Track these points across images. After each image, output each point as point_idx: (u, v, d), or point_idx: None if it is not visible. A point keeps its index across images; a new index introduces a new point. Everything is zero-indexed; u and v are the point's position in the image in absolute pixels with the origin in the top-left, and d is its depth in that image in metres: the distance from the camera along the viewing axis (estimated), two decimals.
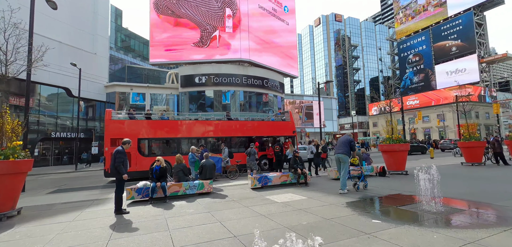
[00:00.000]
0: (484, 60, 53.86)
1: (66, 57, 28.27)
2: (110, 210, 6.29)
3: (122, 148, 6.13)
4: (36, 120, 26.44)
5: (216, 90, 34.80)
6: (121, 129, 12.42)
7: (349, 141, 7.50)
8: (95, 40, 32.33)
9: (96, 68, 31.68)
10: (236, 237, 4.04)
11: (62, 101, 28.97)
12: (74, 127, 29.61)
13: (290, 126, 16.22)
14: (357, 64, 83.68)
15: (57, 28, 27.96)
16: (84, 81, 29.99)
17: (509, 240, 3.49)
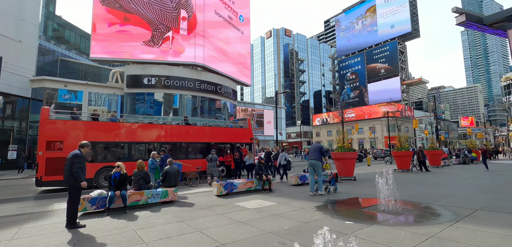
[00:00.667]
0: (404, 83, 63.51)
1: None
2: (59, 224, 5.40)
3: (80, 152, 5.36)
4: None
5: (167, 94, 33.05)
6: (61, 130, 10.79)
7: (319, 148, 8.17)
8: (22, 26, 27.57)
9: (21, 58, 26.98)
10: (225, 245, 3.91)
11: None
12: None
13: (248, 133, 16.42)
14: (303, 78, 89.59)
15: None
16: (4, 72, 25.21)
17: (456, 232, 4.21)
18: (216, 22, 37.60)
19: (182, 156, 13.66)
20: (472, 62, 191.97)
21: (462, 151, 25.19)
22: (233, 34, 40.86)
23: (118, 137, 12.17)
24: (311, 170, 8.38)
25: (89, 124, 11.70)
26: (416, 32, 64.29)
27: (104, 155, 11.92)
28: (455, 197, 7.36)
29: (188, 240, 4.21)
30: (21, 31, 27.76)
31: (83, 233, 4.82)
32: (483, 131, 59.48)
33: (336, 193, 8.47)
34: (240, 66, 41.69)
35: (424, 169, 15.63)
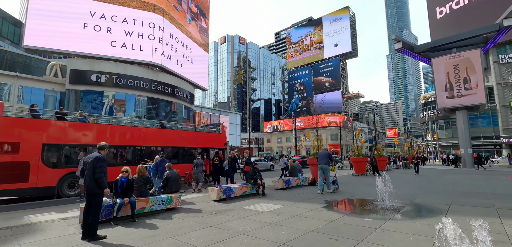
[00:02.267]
0: (345, 96, 70.95)
1: None
2: (67, 237, 4.76)
3: (102, 155, 4.84)
4: None
5: (118, 93, 30.20)
6: (17, 130, 9.14)
7: (328, 155, 9.27)
8: None
9: None
10: (286, 244, 4.14)
11: None
12: None
13: (222, 138, 16.37)
14: (254, 85, 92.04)
15: None
16: None
17: None
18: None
19: None
20: (394, 81, 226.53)
21: (400, 158, 29.47)
22: (193, 36, 39.91)
23: (86, 140, 10.85)
24: (321, 173, 9.77)
25: (53, 124, 10.16)
26: (355, 52, 72.68)
27: (68, 160, 10.48)
28: (422, 196, 8.91)
29: (244, 243, 4.29)
30: None
31: (115, 244, 4.39)
32: (407, 141, 70.58)
33: (331, 194, 9.50)
34: (198, 69, 40.84)
35: (377, 173, 17.97)
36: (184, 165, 13.02)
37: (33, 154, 9.31)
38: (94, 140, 11.06)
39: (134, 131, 12.52)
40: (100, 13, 29.74)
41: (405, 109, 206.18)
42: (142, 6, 32.30)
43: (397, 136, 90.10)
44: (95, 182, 4.58)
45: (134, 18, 31.57)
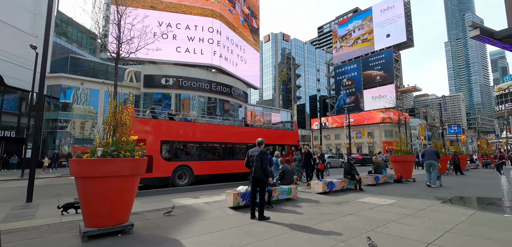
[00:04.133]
0: (399, 90, 66.42)
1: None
2: (232, 217, 5.73)
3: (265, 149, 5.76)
4: None
5: (178, 94, 32.95)
6: (144, 128, 10.88)
7: (436, 152, 9.44)
8: (37, 21, 26.60)
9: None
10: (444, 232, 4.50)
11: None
12: (6, 124, 23.52)
13: (295, 135, 16.98)
14: (299, 82, 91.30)
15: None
16: (21, 68, 24.38)
17: None
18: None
19: (241, 156, 14.06)
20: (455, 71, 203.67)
21: (482, 156, 26.99)
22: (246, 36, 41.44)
23: (190, 137, 12.36)
24: (428, 168, 10.34)
25: (166, 123, 11.83)
26: (410, 42, 67.51)
27: (179, 154, 12.07)
28: None
29: (403, 230, 4.75)
30: (36, 26, 26.81)
31: (284, 223, 5.18)
32: (482, 138, 63.50)
33: (440, 189, 9.58)
34: (251, 69, 42.23)
35: (459, 172, 16.84)
36: None
37: (155, 149, 10.97)
38: (195, 136, 12.53)
39: (224, 129, 13.80)
40: (167, 22, 32.65)
41: (469, 102, 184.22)
42: (202, 12, 34.58)
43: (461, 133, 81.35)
44: (262, 171, 5.48)
45: (196, 24, 33.99)
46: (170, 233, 4.70)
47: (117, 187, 4.54)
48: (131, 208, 4.94)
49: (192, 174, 11.94)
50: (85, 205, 4.50)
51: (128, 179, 4.72)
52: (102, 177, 4.40)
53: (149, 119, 11.30)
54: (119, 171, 4.51)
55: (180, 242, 4.18)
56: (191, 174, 11.91)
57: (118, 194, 4.57)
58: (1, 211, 6.55)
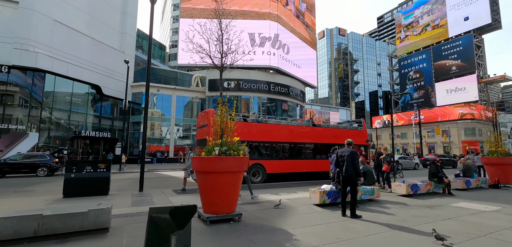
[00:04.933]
0: (483, 80, 57.10)
1: (97, 54, 27.17)
2: (322, 213, 6.00)
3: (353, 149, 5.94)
4: (66, 117, 25.02)
5: (237, 96, 34.61)
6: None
7: None
8: (123, 39, 31.27)
9: (123, 67, 30.53)
10: None
11: (90, 99, 27.65)
12: (103, 126, 28.28)
13: (364, 135, 16.34)
14: (357, 78, 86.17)
15: (88, 23, 26.76)
16: (113, 79, 28.94)
17: None
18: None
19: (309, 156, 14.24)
20: None
21: None
22: (302, 35, 41.21)
23: (262, 137, 13.09)
24: None
25: (242, 125, 12.79)
26: (497, 23, 57.48)
27: (252, 153, 12.92)
28: None
29: None
30: (123, 43, 31.43)
31: (378, 222, 5.27)
32: None
33: None
34: (307, 67, 41.79)
35: None
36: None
37: None
38: (267, 137, 13.21)
39: (293, 129, 14.20)
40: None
41: None
42: (259, 15, 35.68)
43: None
44: (354, 171, 5.66)
45: (254, 28, 35.26)
46: (273, 223, 5.25)
47: (229, 181, 5.30)
48: (237, 200, 5.67)
49: (265, 172, 12.62)
50: (204, 194, 5.38)
51: (237, 175, 5.46)
52: (218, 172, 5.19)
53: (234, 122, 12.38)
54: (230, 168, 5.26)
55: (288, 232, 4.67)
56: (263, 172, 12.61)
57: (230, 187, 5.33)
58: (127, 198, 8.11)
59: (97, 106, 28.19)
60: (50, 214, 4.12)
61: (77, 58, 24.79)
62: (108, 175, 8.48)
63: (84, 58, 25.56)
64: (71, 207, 4.59)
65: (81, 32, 25.53)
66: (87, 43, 26.14)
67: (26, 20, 21.58)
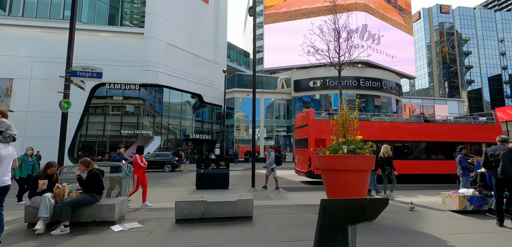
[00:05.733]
0: None
1: (198, 67, 31.26)
2: (462, 220, 5.17)
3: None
4: (178, 123, 29.75)
5: (324, 94, 33.51)
6: (324, 129, 11.92)
7: None
8: (217, 51, 34.98)
9: (218, 76, 34.13)
10: None
11: (193, 106, 32.07)
12: (204, 130, 32.36)
13: (498, 130, 13.29)
14: (469, 61, 70.72)
15: (190, 41, 31.03)
16: (210, 88, 32.69)
17: None
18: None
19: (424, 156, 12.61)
20: None
21: None
22: (394, 21, 36.86)
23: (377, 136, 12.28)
24: None
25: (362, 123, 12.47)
26: None
27: None
28: None
29: None
30: (217, 55, 35.12)
31: None
32: None
33: None
34: (403, 56, 36.99)
35: None
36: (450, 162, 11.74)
37: None
38: (382, 136, 12.32)
39: (409, 126, 12.94)
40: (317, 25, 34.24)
41: None
42: (345, 7, 33.76)
43: None
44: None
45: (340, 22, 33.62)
46: (411, 226, 4.89)
47: (358, 179, 5.23)
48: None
49: None
50: (332, 192, 5.48)
51: (366, 173, 5.35)
52: (348, 170, 5.20)
53: (328, 120, 12.22)
54: (360, 166, 5.18)
55: (437, 237, 4.26)
56: None
57: (359, 185, 5.25)
58: (245, 192, 9.05)
59: (199, 112, 32.49)
60: (211, 201, 5.00)
61: (184, 72, 29.22)
62: (228, 171, 9.67)
63: (188, 71, 29.90)
64: (224, 197, 5.45)
65: (185, 50, 29.99)
66: (190, 58, 30.48)
67: (149, 46, 26.86)
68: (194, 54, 31.19)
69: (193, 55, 31.01)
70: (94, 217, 4.70)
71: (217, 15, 35.50)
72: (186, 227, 4.70)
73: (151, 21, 27.29)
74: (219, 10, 35.77)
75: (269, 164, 10.01)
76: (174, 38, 28.82)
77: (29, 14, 28.03)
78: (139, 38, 27.39)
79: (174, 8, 28.99)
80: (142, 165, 6.81)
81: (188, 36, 30.72)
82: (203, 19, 33.51)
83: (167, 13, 28.24)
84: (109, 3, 31.60)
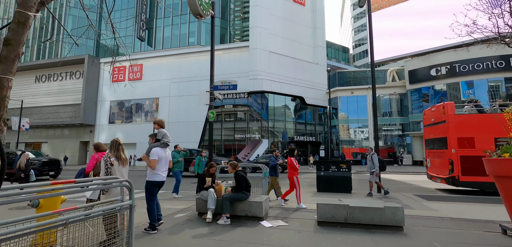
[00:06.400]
0: None
1: (298, 70, 31.58)
2: None
3: None
4: (282, 126, 30.93)
5: (451, 83, 27.13)
6: (469, 126, 9.67)
7: None
8: (316, 51, 34.38)
9: (318, 77, 33.45)
10: None
11: (296, 109, 32.56)
12: (308, 132, 32.38)
13: None
14: None
15: (290, 46, 31.67)
16: (311, 89, 32.37)
17: None
18: None
19: None
20: None
21: None
22: None
23: None
24: None
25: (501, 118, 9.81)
26: None
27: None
28: None
29: None
30: (316, 55, 34.48)
31: None
32: None
33: None
34: None
35: None
36: None
37: (487, 149, 9.28)
38: None
39: None
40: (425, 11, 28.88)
41: None
42: None
43: None
44: None
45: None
46: None
47: None
48: None
49: None
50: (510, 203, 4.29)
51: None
52: None
53: (478, 115, 9.86)
54: None
55: None
56: None
57: None
58: (371, 199, 8.34)
59: (301, 114, 32.75)
60: (354, 206, 4.79)
61: (285, 77, 30.15)
62: (350, 174, 9.17)
63: (289, 75, 30.65)
64: (368, 202, 5.14)
65: (286, 55, 30.91)
66: (291, 62, 31.18)
67: (253, 57, 29.18)
68: (295, 58, 31.75)
69: (293, 59, 31.64)
70: (246, 212, 5.33)
71: (314, 15, 35.00)
72: (331, 230, 4.67)
73: (254, 34, 29.64)
74: (316, 10, 35.18)
75: (370, 167, 9.01)
76: (275, 45, 30.22)
77: (166, 45, 35.67)
78: (245, 51, 30.18)
79: (273, 17, 30.52)
80: (297, 167, 7.09)
81: (287, 41, 31.59)
82: (301, 21, 33.73)
83: (267, 23, 29.99)
84: (220, 25, 36.37)
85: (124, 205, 2.78)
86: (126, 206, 2.80)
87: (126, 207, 2.81)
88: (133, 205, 2.83)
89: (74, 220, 2.23)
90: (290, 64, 31.22)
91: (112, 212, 2.62)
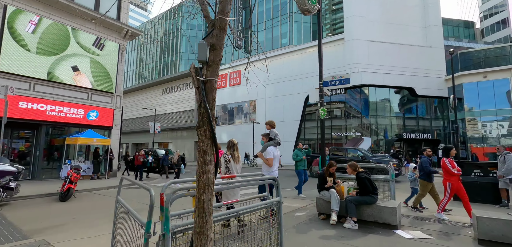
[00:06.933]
0: None
1: (405, 57, 27.35)
2: None
3: None
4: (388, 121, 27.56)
5: None
6: None
7: None
8: (428, 32, 28.92)
9: (432, 62, 28.01)
10: None
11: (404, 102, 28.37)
12: (420, 127, 27.78)
13: None
14: None
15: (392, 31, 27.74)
16: (423, 78, 27.46)
17: None
18: None
19: None
20: None
21: None
22: None
23: None
24: None
25: None
26: None
27: None
28: None
29: None
30: (428, 37, 28.98)
31: None
32: None
33: None
34: None
35: None
36: None
37: None
38: None
39: None
40: None
41: None
42: None
43: None
44: None
45: None
46: None
47: None
48: None
49: None
50: None
51: None
52: None
53: None
54: None
55: None
56: None
57: None
58: None
59: (411, 107, 28.25)
60: None
61: (389, 67, 26.64)
62: None
63: (394, 65, 26.91)
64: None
65: (388, 42, 27.29)
66: (394, 50, 27.31)
67: (350, 49, 27.10)
68: (399, 44, 27.75)
69: (398, 45, 27.71)
70: (375, 217, 4.82)
71: None
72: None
73: (350, 24, 27.60)
74: None
75: (506, 172, 6.74)
76: (374, 33, 27.24)
77: (259, 50, 37.74)
78: (339, 44, 28.51)
79: (370, 2, 27.63)
80: (454, 171, 5.48)
81: (389, 26, 27.93)
82: (405, 0, 29.18)
83: (364, 10, 27.37)
84: (311, 21, 35.66)
85: (274, 201, 2.90)
86: (275, 203, 2.92)
87: (275, 203, 2.92)
88: (281, 202, 2.92)
89: (244, 211, 2.44)
90: (394, 51, 27.47)
91: (270, 207, 2.77)
